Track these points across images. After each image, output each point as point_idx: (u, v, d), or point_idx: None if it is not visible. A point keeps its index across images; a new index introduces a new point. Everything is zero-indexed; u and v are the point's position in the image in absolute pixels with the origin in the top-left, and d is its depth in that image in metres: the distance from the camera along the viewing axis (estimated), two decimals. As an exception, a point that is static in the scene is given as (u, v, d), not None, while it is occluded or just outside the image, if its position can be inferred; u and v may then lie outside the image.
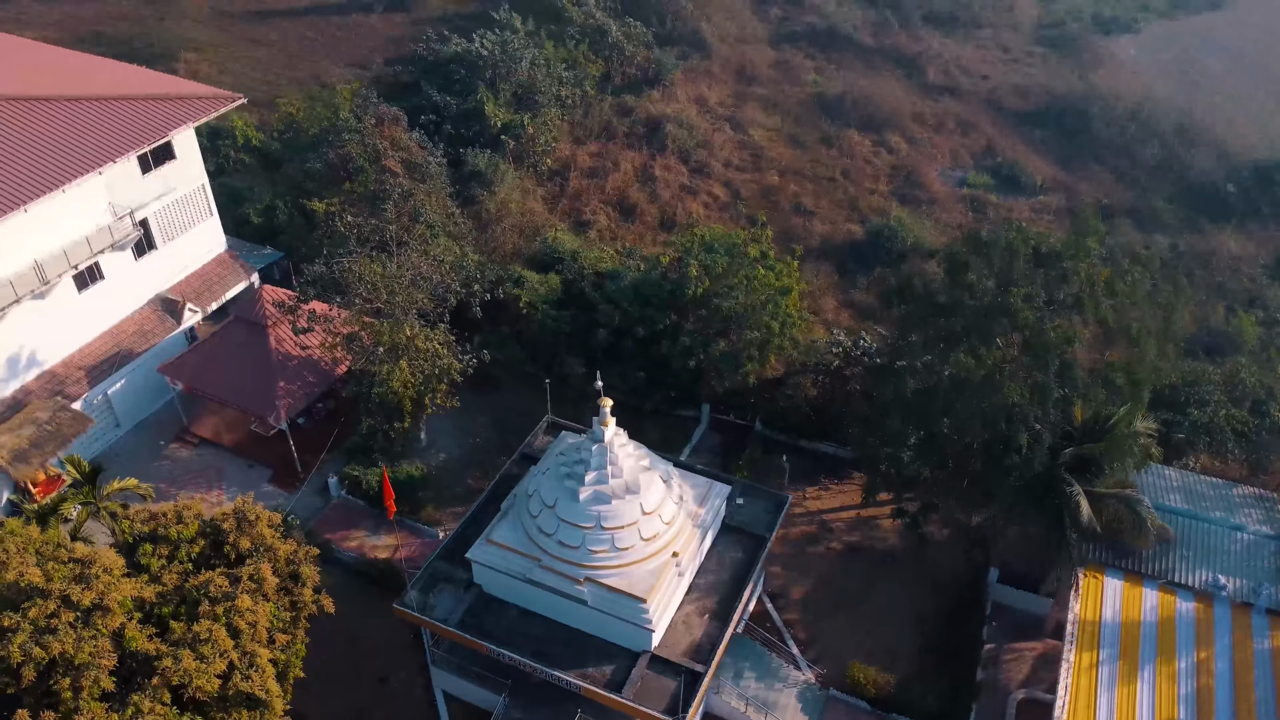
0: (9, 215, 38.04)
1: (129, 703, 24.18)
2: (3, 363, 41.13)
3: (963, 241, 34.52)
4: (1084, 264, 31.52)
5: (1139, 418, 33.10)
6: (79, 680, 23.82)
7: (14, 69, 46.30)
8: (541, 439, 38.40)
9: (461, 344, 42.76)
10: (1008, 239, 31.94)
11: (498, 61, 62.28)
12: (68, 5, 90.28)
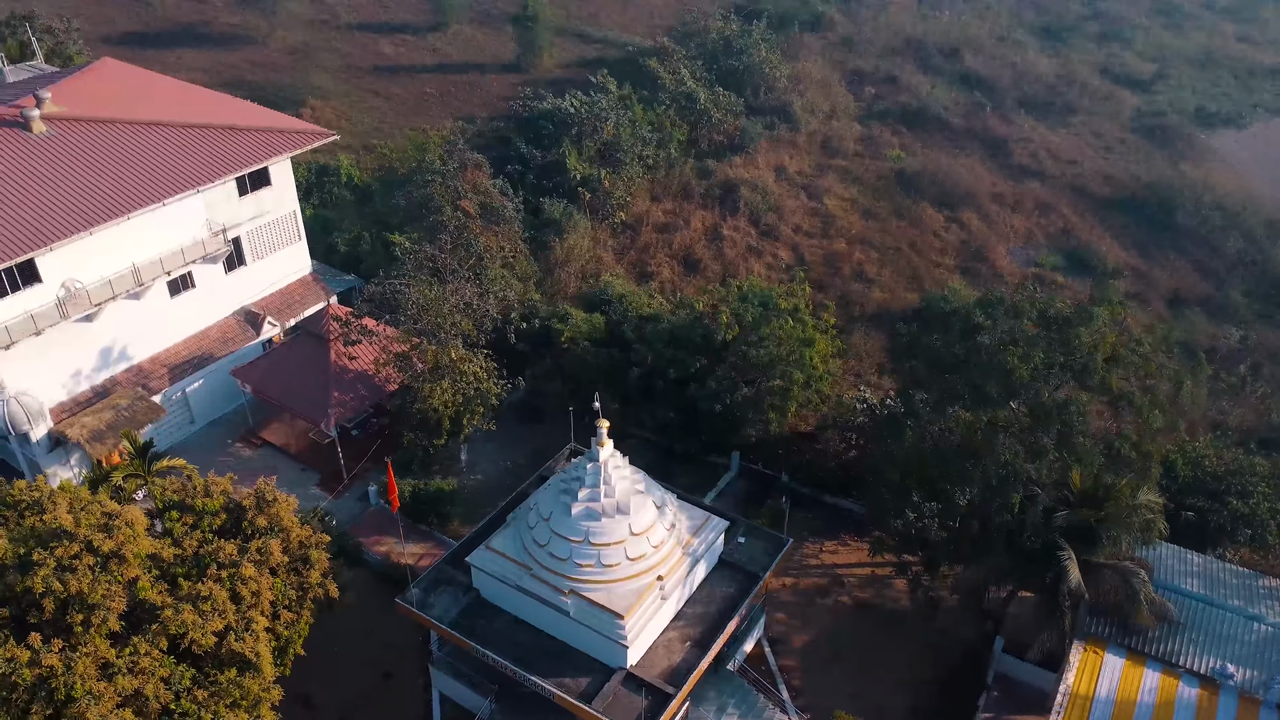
0: (112, 222, 42.83)
1: (130, 643, 26.75)
2: (96, 353, 45.71)
3: (975, 302, 35.13)
4: (1087, 330, 31.73)
5: (1146, 490, 32.71)
6: (90, 617, 26.57)
7: (147, 99, 51.98)
8: (562, 464, 40.21)
9: (506, 373, 45.26)
10: (1013, 300, 32.46)
11: (583, 119, 65.87)
12: (219, 53, 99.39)
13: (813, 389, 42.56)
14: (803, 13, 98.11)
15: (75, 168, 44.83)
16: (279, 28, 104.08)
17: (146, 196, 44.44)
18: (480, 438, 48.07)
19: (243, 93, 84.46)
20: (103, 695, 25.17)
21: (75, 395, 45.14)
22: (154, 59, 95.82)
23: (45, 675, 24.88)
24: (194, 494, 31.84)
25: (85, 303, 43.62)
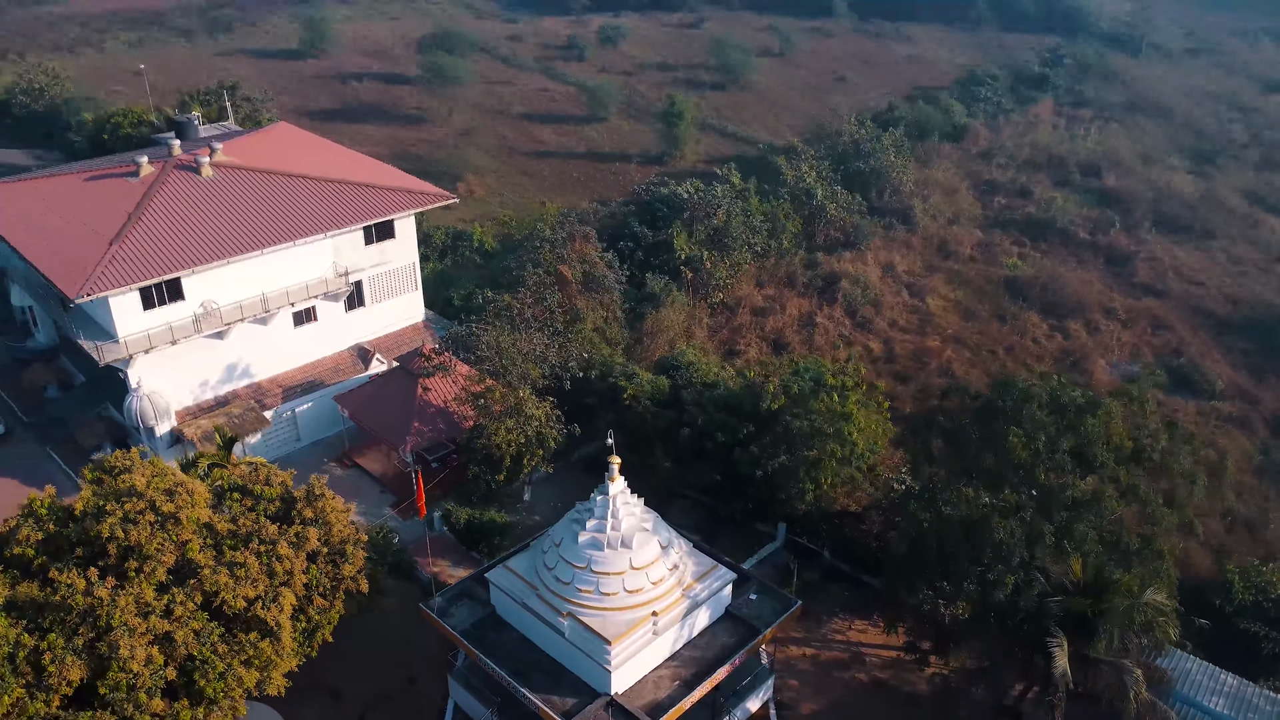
0: (248, 254, 49.43)
1: (170, 593, 30.89)
2: (222, 367, 52.09)
3: (993, 384, 35.73)
4: (1097, 419, 31.87)
5: (1155, 590, 32.02)
6: (144, 566, 30.93)
7: (303, 157, 59.56)
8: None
9: (566, 421, 48.46)
10: (1024, 384, 33.06)
11: (696, 205, 69.76)
12: (399, 129, 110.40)
13: (852, 466, 43.46)
14: (943, 124, 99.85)
15: (228, 207, 52.09)
16: (455, 112, 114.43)
17: (281, 236, 51.00)
18: (545, 483, 51.20)
19: (410, 164, 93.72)
20: (136, 630, 29.21)
21: (199, 401, 51.49)
22: (342, 130, 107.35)
23: (94, 604, 29.19)
24: (256, 481, 36.24)
25: (217, 321, 50.13)
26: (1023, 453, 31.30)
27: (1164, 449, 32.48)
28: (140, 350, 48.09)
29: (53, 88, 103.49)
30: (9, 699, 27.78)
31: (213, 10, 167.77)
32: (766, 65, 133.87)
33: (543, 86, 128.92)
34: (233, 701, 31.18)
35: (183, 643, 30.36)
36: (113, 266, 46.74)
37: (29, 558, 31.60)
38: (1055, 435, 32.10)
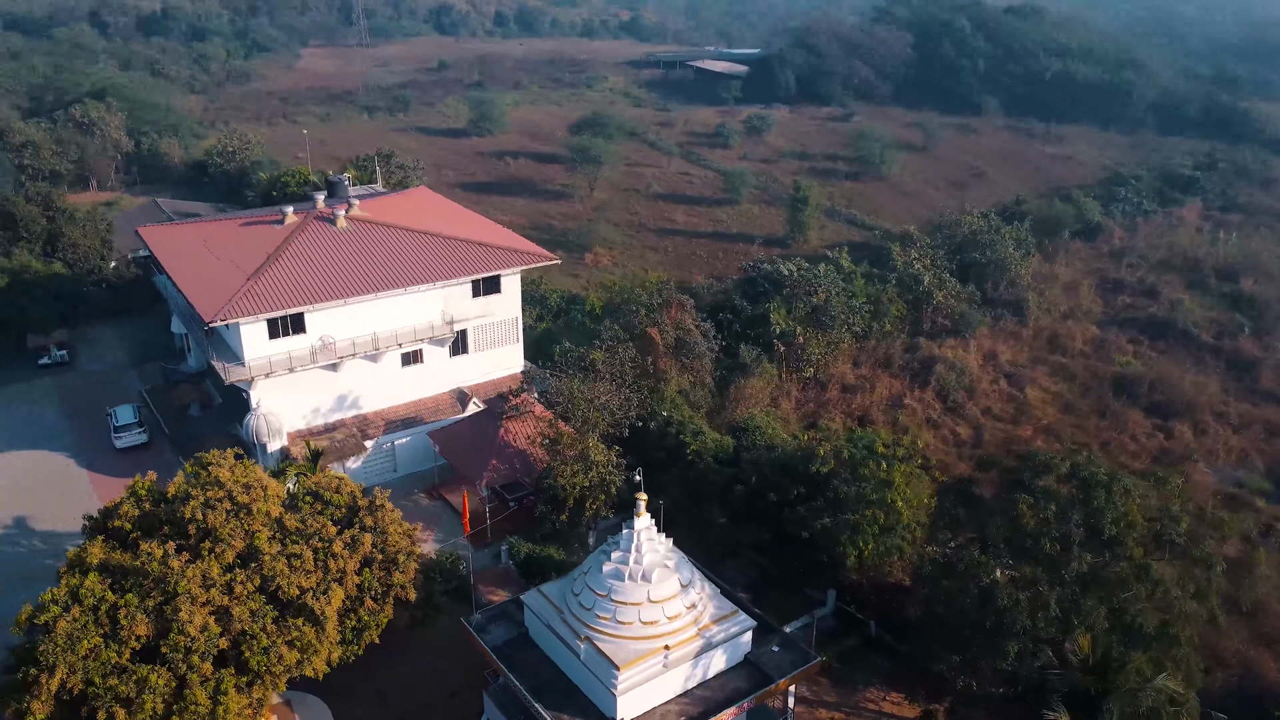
0: (363, 297, 54.99)
1: (234, 573, 35.01)
2: (333, 397, 57.52)
3: (1021, 457, 35.94)
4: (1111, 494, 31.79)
5: (1168, 676, 31.29)
6: (215, 547, 35.27)
7: (430, 216, 65.61)
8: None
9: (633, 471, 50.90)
10: (1045, 456, 33.36)
11: (796, 283, 71.82)
12: (540, 202, 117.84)
13: (897, 535, 43.85)
14: (1075, 221, 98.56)
15: (354, 255, 58.15)
16: (595, 189, 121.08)
17: (395, 283, 56.48)
18: (611, 529, 53.50)
19: (545, 234, 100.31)
20: (198, 599, 33.34)
21: (310, 426, 56.93)
22: (490, 201, 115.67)
23: (166, 574, 33.55)
24: (329, 489, 40.40)
25: (332, 355, 55.69)
26: (1030, 520, 31.52)
27: (1187, 533, 31.85)
28: (262, 374, 54.01)
29: (242, 151, 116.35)
30: (87, 644, 32.22)
31: (395, 90, 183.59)
32: (906, 158, 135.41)
33: (684, 170, 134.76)
34: (274, 677, 34.69)
35: (238, 618, 34.27)
36: (246, 298, 53.08)
37: (126, 530, 36.58)
38: (1066, 506, 32.14)
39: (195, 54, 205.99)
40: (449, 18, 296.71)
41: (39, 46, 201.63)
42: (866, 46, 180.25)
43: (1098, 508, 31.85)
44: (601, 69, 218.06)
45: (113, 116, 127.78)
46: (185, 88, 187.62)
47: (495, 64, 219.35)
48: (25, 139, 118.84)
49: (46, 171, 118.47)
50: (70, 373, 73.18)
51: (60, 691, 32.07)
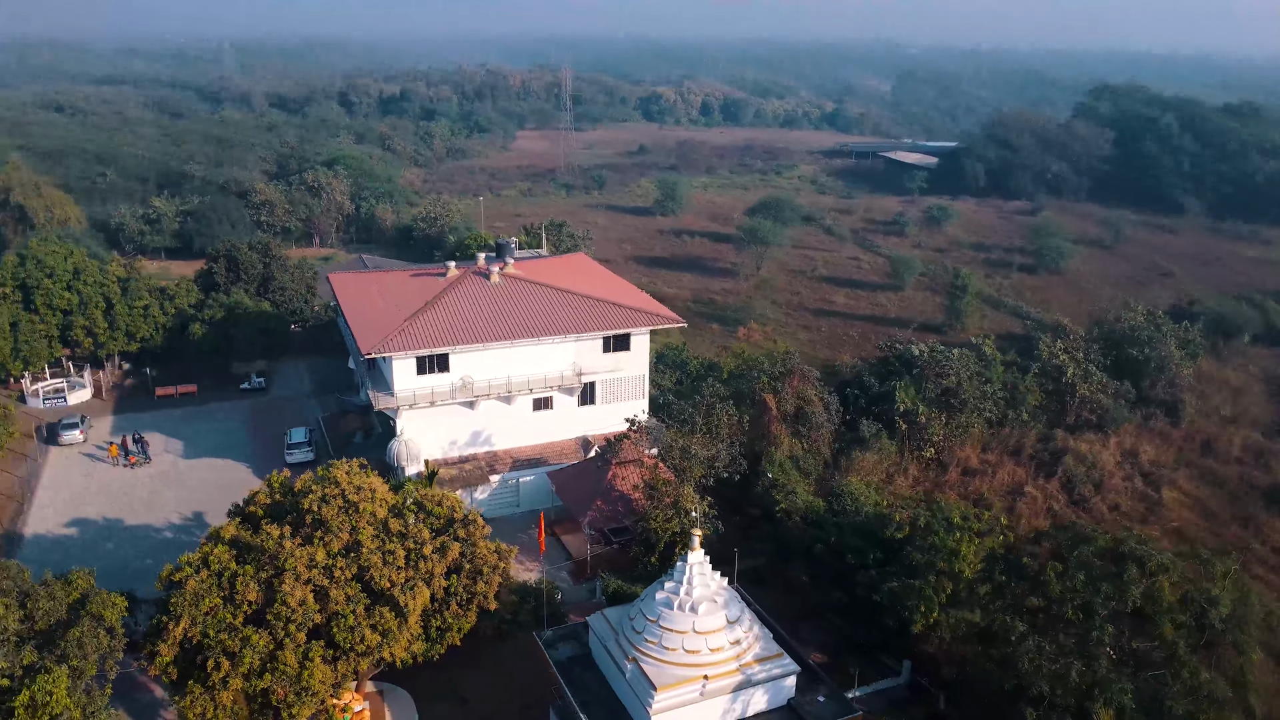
0: (500, 343, 60.88)
1: (335, 560, 40.33)
2: (468, 432, 63.40)
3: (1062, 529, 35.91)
4: (1143, 570, 31.60)
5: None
6: (325, 536, 40.83)
7: (577, 278, 71.40)
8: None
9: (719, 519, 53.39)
10: (1089, 529, 33.56)
11: (928, 363, 72.33)
12: (705, 278, 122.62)
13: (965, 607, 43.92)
14: (1257, 325, 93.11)
15: (500, 306, 64.45)
16: (762, 269, 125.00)
17: (531, 333, 62.14)
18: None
19: (704, 307, 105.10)
20: (301, 577, 38.75)
21: (445, 456, 62.94)
22: (658, 275, 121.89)
23: (279, 552, 39.26)
24: (433, 502, 45.44)
25: (470, 393, 61.70)
26: (1055, 588, 31.73)
27: (1226, 617, 30.93)
28: (407, 405, 60.63)
29: (443, 218, 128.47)
30: (209, 602, 38.19)
31: (594, 171, 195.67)
32: (1088, 254, 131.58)
33: (854, 255, 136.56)
34: (357, 655, 39.44)
35: (334, 599, 39.40)
36: (400, 336, 60.10)
37: (258, 514, 42.87)
38: (1097, 577, 32.08)
39: (422, 132, 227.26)
40: (657, 106, 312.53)
41: (293, 121, 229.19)
42: (1063, 142, 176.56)
43: (1128, 581, 31.62)
44: (793, 157, 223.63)
45: (339, 182, 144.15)
46: (409, 161, 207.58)
47: (692, 149, 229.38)
48: (264, 198, 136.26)
49: (279, 227, 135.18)
50: (264, 397, 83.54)
51: (183, 640, 38.07)
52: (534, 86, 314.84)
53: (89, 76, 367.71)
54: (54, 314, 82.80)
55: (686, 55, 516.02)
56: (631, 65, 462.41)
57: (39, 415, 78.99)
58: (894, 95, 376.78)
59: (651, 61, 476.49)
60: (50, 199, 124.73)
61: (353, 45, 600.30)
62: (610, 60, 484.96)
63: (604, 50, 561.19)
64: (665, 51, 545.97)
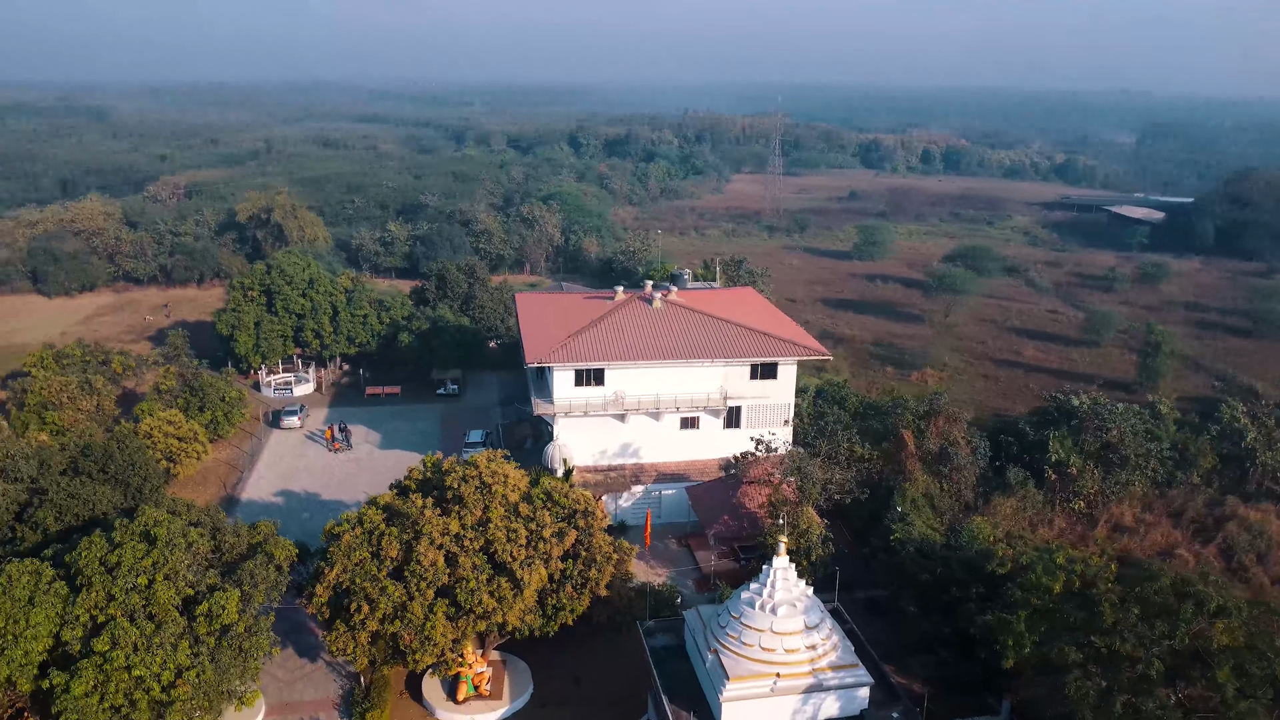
0: (652, 362, 65.72)
1: (466, 531, 46.11)
2: (619, 444, 68.50)
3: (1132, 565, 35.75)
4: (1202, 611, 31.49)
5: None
6: (460, 510, 46.80)
7: (734, 309, 75.29)
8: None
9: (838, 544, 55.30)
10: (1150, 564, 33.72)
11: (1087, 416, 70.62)
12: (888, 322, 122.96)
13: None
14: None
15: (657, 329, 69.43)
16: (950, 316, 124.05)
17: (681, 355, 66.64)
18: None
19: (883, 350, 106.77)
20: (435, 542, 44.77)
21: (595, 464, 68.32)
22: (838, 315, 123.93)
23: (418, 518, 45.53)
24: (560, 494, 50.59)
25: (620, 407, 66.87)
26: (1109, 619, 32.06)
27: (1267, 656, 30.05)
28: (563, 413, 66.56)
29: (641, 252, 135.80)
30: (358, 555, 44.91)
31: (799, 215, 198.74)
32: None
33: (1053, 309, 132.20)
34: (475, 616, 44.85)
35: (461, 565, 45.16)
36: (562, 349, 66.25)
37: (410, 487, 49.55)
38: (1151, 614, 32.08)
39: (640, 172, 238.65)
40: (877, 153, 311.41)
41: (523, 159, 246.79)
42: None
43: (1183, 619, 31.45)
44: (1010, 208, 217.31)
45: (551, 216, 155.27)
46: (624, 199, 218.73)
47: (904, 196, 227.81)
48: (484, 227, 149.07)
49: (495, 254, 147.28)
50: (456, 402, 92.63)
51: (335, 584, 44.94)
52: (753, 132, 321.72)
53: (354, 115, 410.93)
54: (290, 316, 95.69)
55: (917, 104, 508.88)
56: (859, 113, 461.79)
57: (268, 402, 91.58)
58: (1138, 148, 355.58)
59: (879, 110, 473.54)
60: (304, 220, 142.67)
61: (596, 91, 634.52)
62: (838, 108, 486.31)
63: (834, 98, 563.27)
64: (895, 100, 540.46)
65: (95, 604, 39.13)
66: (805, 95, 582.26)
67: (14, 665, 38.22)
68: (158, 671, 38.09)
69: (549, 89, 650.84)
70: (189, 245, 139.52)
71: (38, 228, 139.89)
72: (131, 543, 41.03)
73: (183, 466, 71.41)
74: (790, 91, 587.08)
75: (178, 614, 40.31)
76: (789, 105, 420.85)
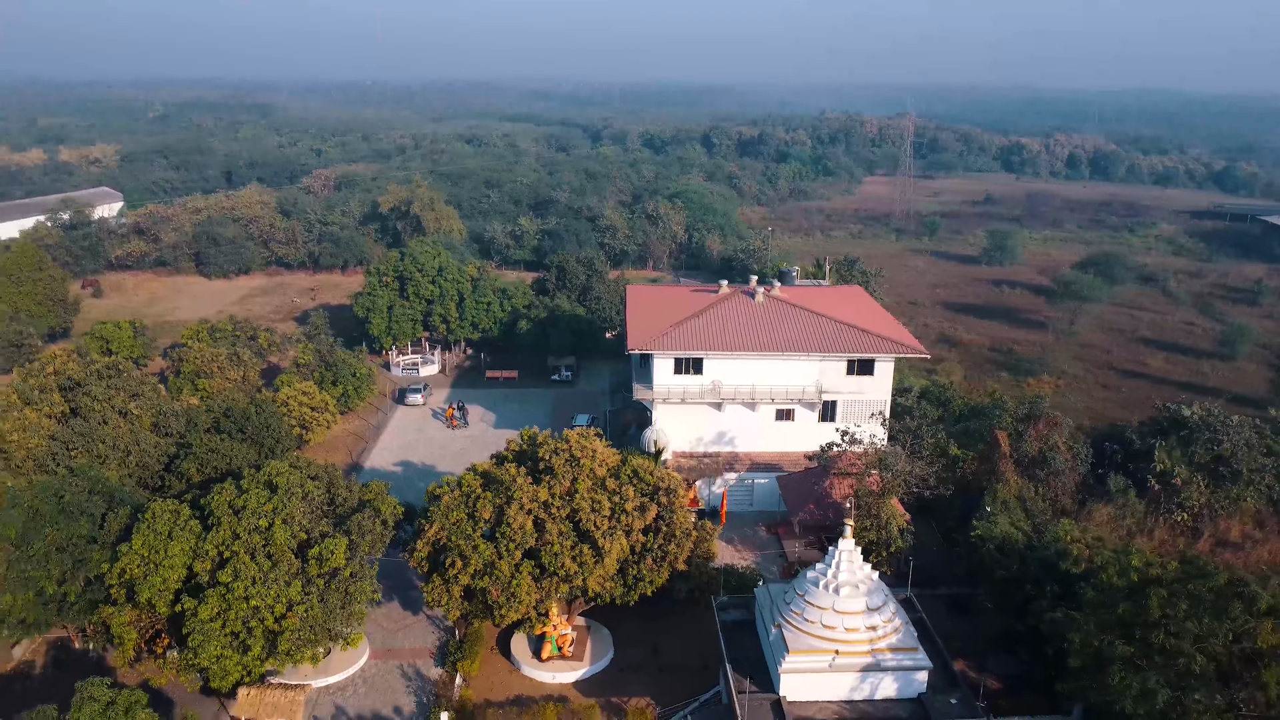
0: (749, 354, 67.72)
1: (554, 498, 49.42)
2: (715, 432, 70.82)
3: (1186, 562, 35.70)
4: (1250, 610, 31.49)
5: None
6: (550, 481, 50.10)
7: (836, 304, 76.36)
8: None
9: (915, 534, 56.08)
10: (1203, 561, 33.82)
11: (1197, 426, 68.58)
12: (1009, 328, 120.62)
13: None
14: None
15: (757, 323, 71.36)
16: (1076, 324, 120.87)
17: (777, 348, 68.40)
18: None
19: (1000, 355, 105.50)
20: (524, 507, 48.23)
21: (691, 450, 70.84)
22: (958, 318, 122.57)
23: (510, 485, 49.13)
24: (646, 472, 53.35)
25: (717, 396, 69.16)
26: (1156, 612, 32.33)
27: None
28: (661, 399, 69.35)
29: (761, 251, 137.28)
30: (455, 515, 48.87)
31: (929, 218, 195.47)
32: None
33: (1189, 320, 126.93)
34: (556, 578, 48.08)
35: (548, 530, 48.52)
36: (664, 338, 69.03)
37: (506, 457, 53.30)
38: (1198, 610, 32.15)
39: (769, 173, 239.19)
40: (1019, 157, 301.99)
41: (655, 158, 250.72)
42: None
43: (1231, 617, 31.44)
44: (1155, 215, 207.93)
45: (676, 213, 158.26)
46: (753, 199, 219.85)
47: (1042, 202, 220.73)
48: (610, 223, 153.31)
49: (618, 249, 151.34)
50: (569, 388, 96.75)
51: (434, 541, 49.04)
52: (890, 133, 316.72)
53: (501, 114, 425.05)
54: (420, 302, 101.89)
55: (1067, 107, 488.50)
56: (1005, 116, 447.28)
57: (396, 380, 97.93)
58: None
59: (1026, 113, 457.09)
60: (440, 212, 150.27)
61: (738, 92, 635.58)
62: (983, 110, 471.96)
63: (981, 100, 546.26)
64: (1044, 103, 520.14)
65: (222, 541, 44.27)
66: (950, 97, 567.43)
67: (154, 590, 43.69)
68: (271, 603, 42.88)
69: (694, 90, 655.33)
70: (335, 234, 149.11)
71: (202, 214, 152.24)
72: (256, 490, 46.13)
73: (314, 433, 77.72)
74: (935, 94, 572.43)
75: (292, 555, 45.08)
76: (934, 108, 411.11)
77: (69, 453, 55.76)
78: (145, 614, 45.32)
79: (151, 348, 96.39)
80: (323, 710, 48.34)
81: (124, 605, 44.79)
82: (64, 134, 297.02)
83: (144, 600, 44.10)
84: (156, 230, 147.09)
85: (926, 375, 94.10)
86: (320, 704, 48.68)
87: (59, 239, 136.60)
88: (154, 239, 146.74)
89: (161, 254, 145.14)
